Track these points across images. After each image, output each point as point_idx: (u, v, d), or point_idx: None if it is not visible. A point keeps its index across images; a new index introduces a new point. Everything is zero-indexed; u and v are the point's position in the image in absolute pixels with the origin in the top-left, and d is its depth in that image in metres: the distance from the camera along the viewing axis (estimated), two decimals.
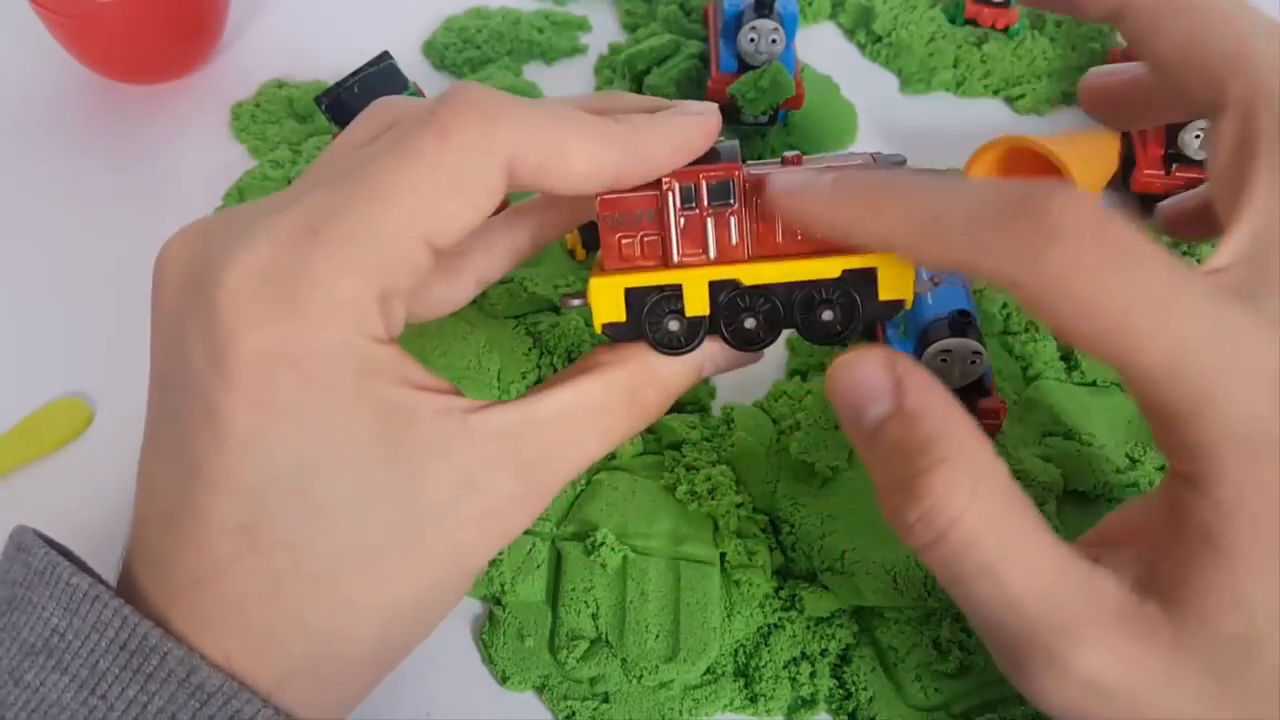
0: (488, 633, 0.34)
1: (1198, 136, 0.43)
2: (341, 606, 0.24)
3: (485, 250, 0.30)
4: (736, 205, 0.26)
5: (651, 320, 0.26)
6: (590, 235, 0.41)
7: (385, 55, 0.44)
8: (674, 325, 0.26)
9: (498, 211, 0.30)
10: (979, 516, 0.24)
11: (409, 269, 0.24)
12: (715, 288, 0.26)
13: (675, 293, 0.26)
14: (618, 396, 0.27)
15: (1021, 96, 0.51)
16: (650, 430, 0.38)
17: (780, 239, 0.26)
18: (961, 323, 0.34)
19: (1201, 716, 0.23)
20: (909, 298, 0.26)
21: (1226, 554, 0.23)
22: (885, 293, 0.26)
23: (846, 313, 0.26)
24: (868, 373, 0.26)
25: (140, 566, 0.24)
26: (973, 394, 0.35)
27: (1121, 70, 0.35)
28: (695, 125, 0.26)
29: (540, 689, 0.33)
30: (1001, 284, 0.23)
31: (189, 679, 0.22)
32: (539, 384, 0.27)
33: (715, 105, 0.27)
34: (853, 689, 0.33)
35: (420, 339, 0.39)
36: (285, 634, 0.23)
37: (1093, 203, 0.23)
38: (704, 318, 0.26)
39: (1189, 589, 0.23)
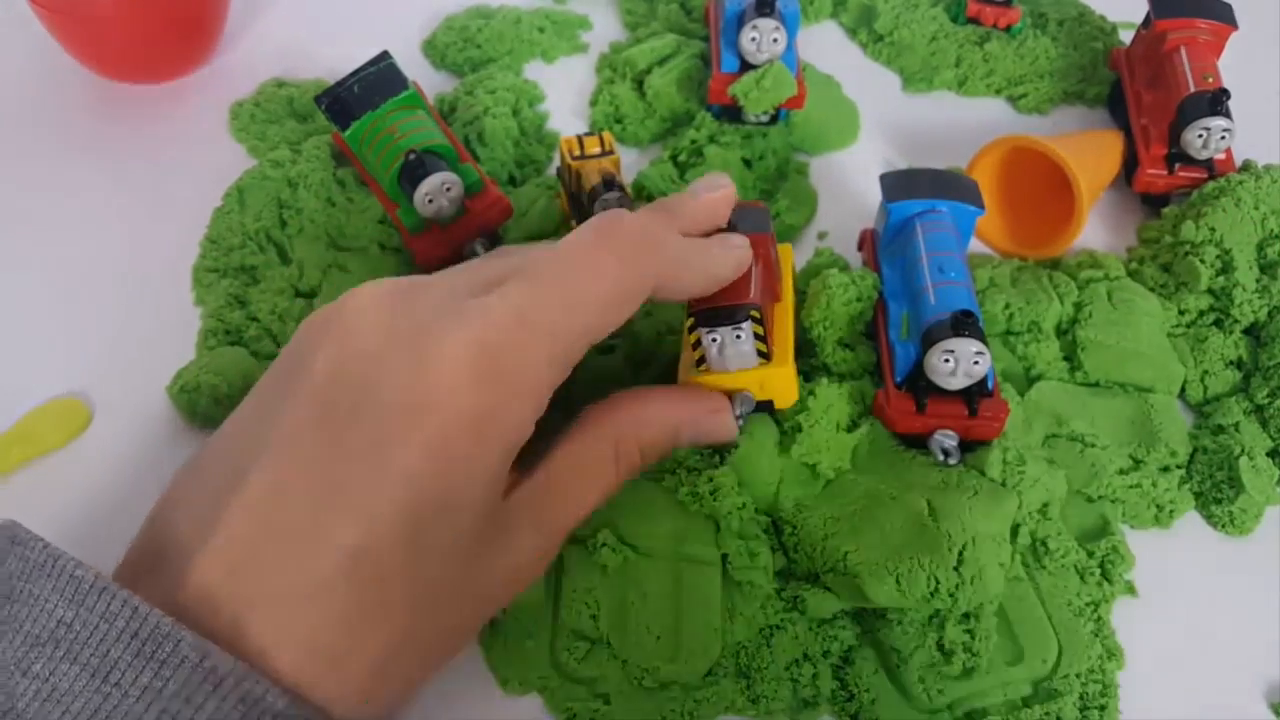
0: (488, 634, 0.33)
1: (1200, 136, 0.43)
2: (400, 640, 0.27)
3: None
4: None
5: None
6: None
7: (385, 55, 0.43)
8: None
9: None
10: None
11: (572, 364, 0.30)
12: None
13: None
14: (607, 453, 0.32)
15: (1024, 96, 0.51)
16: None
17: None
18: (964, 323, 0.33)
19: None
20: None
21: None
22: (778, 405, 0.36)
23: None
24: None
25: (222, 566, 0.25)
26: (976, 395, 0.35)
27: None
28: (743, 255, 0.34)
29: (541, 690, 0.33)
30: None
31: (202, 664, 0.23)
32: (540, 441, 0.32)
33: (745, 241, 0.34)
34: (855, 690, 0.32)
35: None
36: (350, 661, 0.26)
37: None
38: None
39: None
